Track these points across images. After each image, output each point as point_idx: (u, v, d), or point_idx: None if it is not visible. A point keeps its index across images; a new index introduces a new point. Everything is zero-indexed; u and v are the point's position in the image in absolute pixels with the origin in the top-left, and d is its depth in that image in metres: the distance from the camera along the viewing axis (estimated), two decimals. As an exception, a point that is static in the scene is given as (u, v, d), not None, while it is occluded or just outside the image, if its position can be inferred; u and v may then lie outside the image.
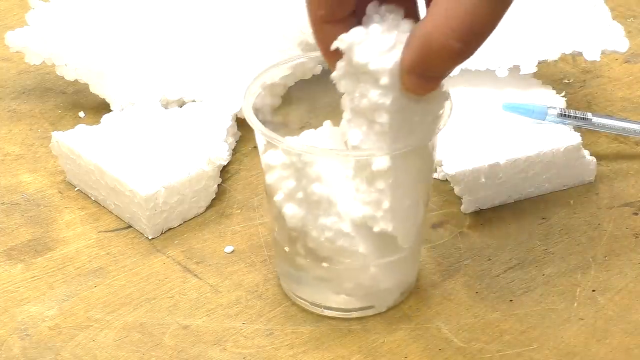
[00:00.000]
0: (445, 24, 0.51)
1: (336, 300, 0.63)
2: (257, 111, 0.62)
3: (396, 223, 0.59)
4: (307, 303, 0.64)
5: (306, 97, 0.61)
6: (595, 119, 0.74)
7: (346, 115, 0.58)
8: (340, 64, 0.56)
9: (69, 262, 0.68)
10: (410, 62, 0.53)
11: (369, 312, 0.63)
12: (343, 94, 0.58)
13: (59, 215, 0.72)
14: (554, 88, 0.77)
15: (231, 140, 0.76)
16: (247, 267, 0.67)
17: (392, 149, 0.57)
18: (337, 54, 0.56)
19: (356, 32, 0.55)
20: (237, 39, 0.79)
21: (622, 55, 0.83)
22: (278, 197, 0.58)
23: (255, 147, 0.63)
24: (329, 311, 0.63)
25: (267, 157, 0.59)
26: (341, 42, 0.55)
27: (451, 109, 0.59)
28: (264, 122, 0.60)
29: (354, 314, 0.63)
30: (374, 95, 0.55)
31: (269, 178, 0.58)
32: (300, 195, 0.58)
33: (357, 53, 0.55)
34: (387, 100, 0.55)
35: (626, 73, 0.84)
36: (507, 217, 0.70)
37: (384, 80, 0.55)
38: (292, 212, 0.58)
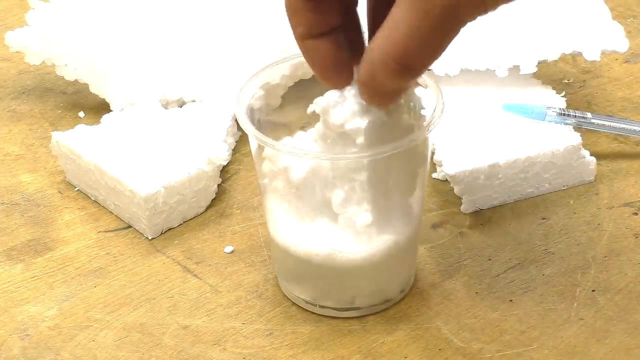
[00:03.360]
0: (382, 44, 0.53)
1: (332, 299, 0.63)
2: (257, 111, 0.62)
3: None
4: (302, 301, 0.64)
5: (306, 97, 0.61)
6: (595, 119, 0.74)
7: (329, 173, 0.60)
8: (318, 126, 0.59)
9: (69, 262, 0.68)
10: (361, 75, 0.55)
11: (364, 312, 0.63)
12: None
13: (59, 215, 0.72)
14: (554, 88, 0.77)
15: (231, 140, 0.76)
16: (247, 267, 0.67)
17: (376, 153, 0.57)
18: (328, 69, 0.57)
19: (330, 95, 0.57)
20: (237, 39, 0.79)
21: (622, 55, 0.83)
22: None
23: (255, 147, 0.63)
24: (325, 310, 0.63)
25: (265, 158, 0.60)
26: (316, 105, 0.58)
27: (442, 110, 0.59)
28: (264, 122, 0.60)
29: (351, 313, 0.63)
30: (352, 154, 0.58)
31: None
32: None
33: (332, 115, 0.57)
34: (364, 160, 0.57)
35: (626, 73, 0.84)
36: (507, 217, 0.70)
37: (360, 139, 0.57)
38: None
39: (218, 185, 0.73)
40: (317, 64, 0.57)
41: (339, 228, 0.60)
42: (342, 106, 0.57)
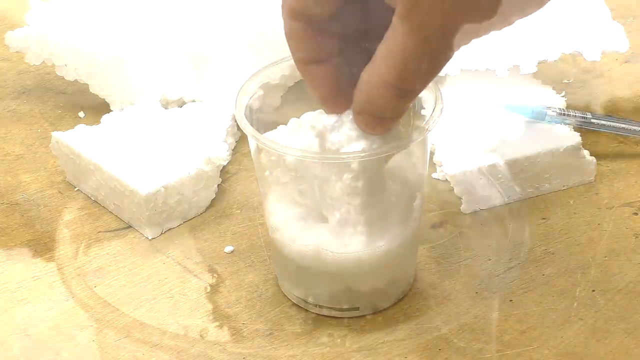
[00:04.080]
0: (380, 70, 0.53)
1: (331, 299, 0.63)
2: (256, 111, 0.62)
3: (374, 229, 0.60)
4: (302, 301, 0.64)
5: (306, 97, 0.61)
6: (595, 119, 0.74)
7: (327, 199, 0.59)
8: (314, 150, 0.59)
9: (69, 262, 0.68)
10: (358, 103, 0.55)
11: (364, 312, 0.63)
12: None
13: (59, 215, 0.72)
14: (554, 88, 0.78)
15: (231, 140, 0.76)
16: (247, 267, 0.67)
17: (372, 154, 0.57)
18: (328, 95, 0.57)
19: (328, 119, 0.57)
20: (237, 39, 0.79)
21: (622, 55, 0.83)
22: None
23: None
24: (325, 309, 0.63)
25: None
26: (313, 129, 0.58)
27: (441, 110, 0.59)
28: (263, 122, 0.60)
29: (350, 313, 0.63)
30: (347, 179, 0.57)
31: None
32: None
33: (328, 139, 0.57)
34: (359, 184, 0.57)
35: (626, 73, 0.84)
36: (507, 217, 0.70)
37: (354, 165, 0.57)
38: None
39: (218, 185, 0.73)
40: (317, 89, 0.57)
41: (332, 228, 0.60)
42: (339, 132, 0.57)
